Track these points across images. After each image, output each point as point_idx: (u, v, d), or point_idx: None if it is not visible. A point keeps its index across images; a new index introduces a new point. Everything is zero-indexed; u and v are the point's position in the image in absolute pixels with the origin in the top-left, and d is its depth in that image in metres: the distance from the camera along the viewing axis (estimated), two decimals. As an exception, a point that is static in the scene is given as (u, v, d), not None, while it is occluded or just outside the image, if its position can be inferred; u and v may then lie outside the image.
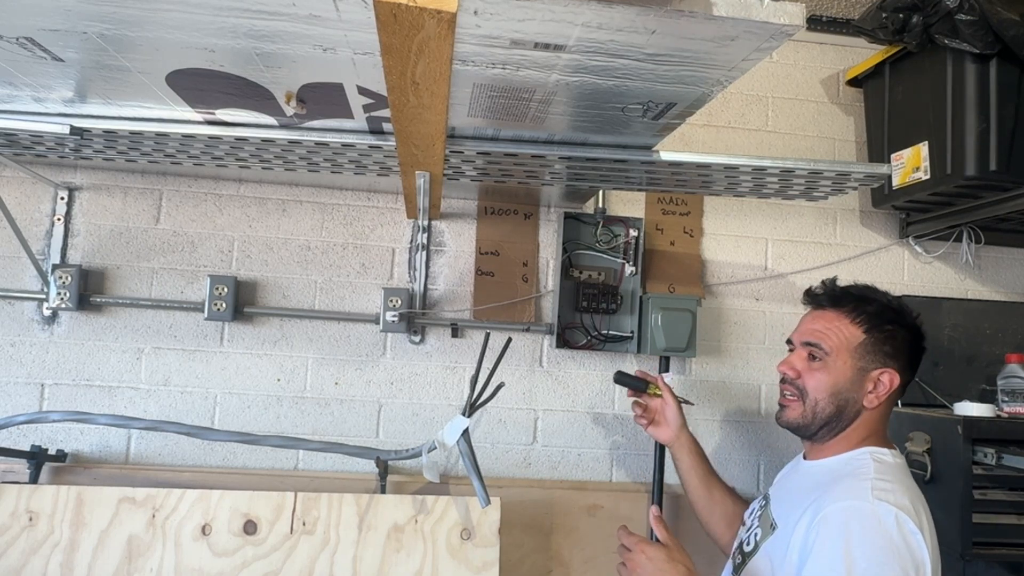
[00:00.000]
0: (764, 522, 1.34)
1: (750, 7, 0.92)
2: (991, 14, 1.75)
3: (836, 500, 1.16)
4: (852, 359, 1.30)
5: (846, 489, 1.19)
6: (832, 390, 1.30)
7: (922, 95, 1.99)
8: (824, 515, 1.15)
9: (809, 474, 1.34)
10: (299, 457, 1.98)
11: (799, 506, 1.22)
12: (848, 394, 1.30)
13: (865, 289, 1.38)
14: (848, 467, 1.27)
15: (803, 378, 1.34)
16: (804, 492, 1.26)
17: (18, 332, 1.92)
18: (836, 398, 1.30)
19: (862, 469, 1.24)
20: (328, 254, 2.05)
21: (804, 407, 1.33)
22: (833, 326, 1.33)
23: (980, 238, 2.25)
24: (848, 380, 1.30)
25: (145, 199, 1.99)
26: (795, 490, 1.33)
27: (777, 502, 1.35)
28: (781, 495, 1.37)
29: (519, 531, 1.97)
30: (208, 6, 0.96)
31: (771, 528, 1.29)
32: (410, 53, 0.97)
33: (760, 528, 1.34)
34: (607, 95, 1.22)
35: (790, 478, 1.43)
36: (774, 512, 1.32)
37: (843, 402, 1.30)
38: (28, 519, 1.67)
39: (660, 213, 2.17)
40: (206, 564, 1.68)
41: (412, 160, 1.48)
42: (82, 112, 1.46)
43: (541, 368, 2.09)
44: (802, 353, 1.36)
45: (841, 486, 1.20)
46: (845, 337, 1.31)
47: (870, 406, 1.29)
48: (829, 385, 1.30)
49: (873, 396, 1.29)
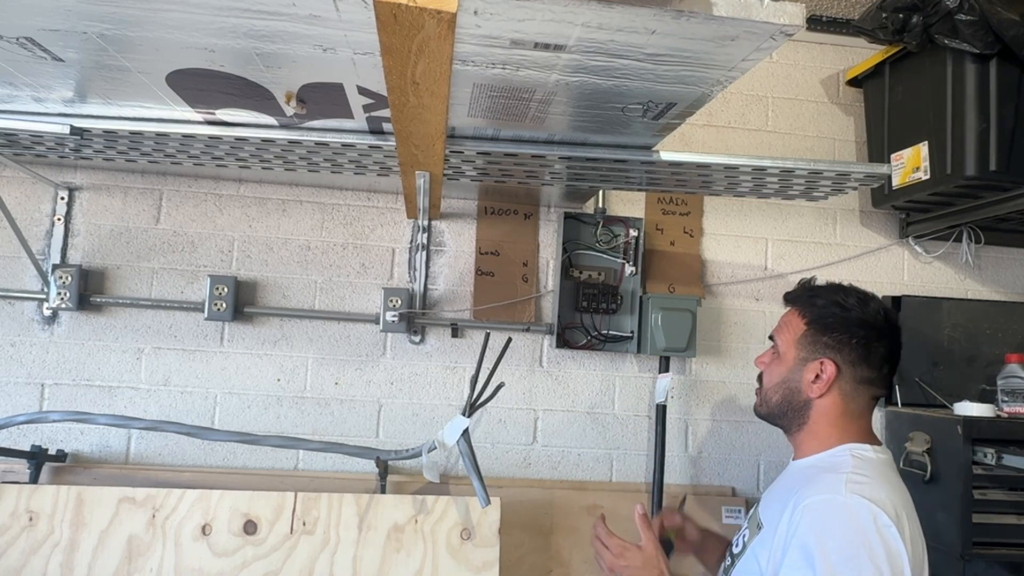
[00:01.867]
0: (752, 523, 1.36)
1: (750, 7, 0.92)
2: (991, 14, 1.75)
3: (812, 494, 1.18)
4: (794, 350, 1.35)
5: (822, 483, 1.21)
6: (778, 380, 1.36)
7: (922, 95, 1.99)
8: (801, 508, 1.17)
9: (793, 473, 1.37)
10: (299, 457, 1.98)
11: (782, 504, 1.25)
12: (791, 384, 1.34)
13: (825, 287, 1.41)
14: (827, 463, 1.29)
15: (765, 371, 1.41)
16: (787, 490, 1.28)
17: (18, 332, 1.92)
18: (780, 387, 1.36)
19: (840, 464, 1.26)
20: (328, 254, 2.05)
21: (761, 397, 1.41)
22: (784, 321, 1.40)
23: (980, 238, 2.25)
24: (790, 371, 1.35)
25: (145, 199, 1.99)
26: (781, 490, 1.35)
27: (765, 503, 1.37)
28: (769, 496, 1.39)
29: (519, 531, 1.97)
30: (208, 6, 0.96)
31: (758, 528, 1.31)
32: (410, 53, 0.97)
33: (748, 529, 1.36)
34: (607, 95, 1.22)
35: (781, 479, 1.46)
36: (761, 513, 1.34)
37: (787, 392, 1.34)
38: (28, 519, 1.67)
39: (660, 213, 2.17)
40: (206, 564, 1.68)
41: (412, 160, 1.48)
42: (82, 112, 1.46)
43: (541, 368, 2.09)
44: (768, 349, 1.44)
45: (818, 480, 1.23)
46: (792, 330, 1.37)
47: (815, 396, 1.32)
48: (777, 376, 1.37)
49: (815, 386, 1.31)
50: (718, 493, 2.09)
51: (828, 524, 1.14)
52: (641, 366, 2.13)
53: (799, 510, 1.18)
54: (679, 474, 2.11)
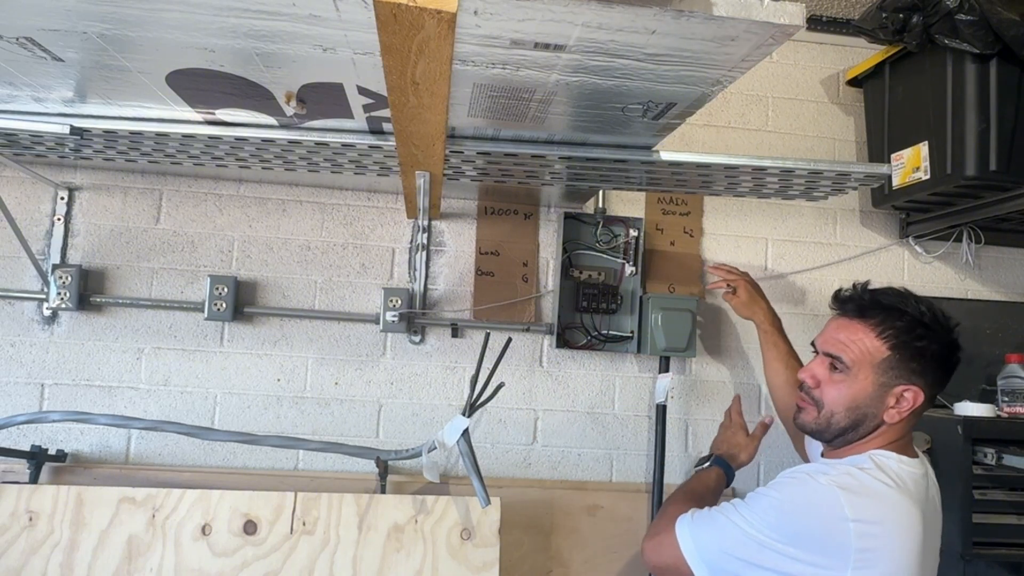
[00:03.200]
0: None
1: (750, 7, 0.92)
2: (991, 14, 1.75)
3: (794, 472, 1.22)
4: (874, 374, 1.25)
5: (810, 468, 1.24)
6: (849, 404, 1.26)
7: (922, 95, 1.99)
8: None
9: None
10: (299, 457, 1.98)
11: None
12: (866, 409, 1.25)
13: (897, 299, 1.30)
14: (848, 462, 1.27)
15: (822, 388, 1.30)
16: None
17: (18, 332, 1.92)
18: (853, 412, 1.26)
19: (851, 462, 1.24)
20: (328, 254, 2.05)
21: (819, 416, 1.29)
22: (857, 338, 1.27)
23: (980, 238, 2.25)
24: (868, 396, 1.25)
25: (145, 199, 1.99)
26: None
27: None
28: None
29: (519, 531, 1.97)
30: (208, 6, 0.96)
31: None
32: (410, 53, 0.97)
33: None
34: (607, 95, 1.22)
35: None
36: None
37: (860, 416, 1.26)
38: (28, 519, 1.67)
39: (660, 213, 2.17)
40: (206, 564, 1.68)
41: (412, 160, 1.48)
42: (82, 112, 1.46)
43: (541, 368, 2.09)
44: (824, 361, 1.31)
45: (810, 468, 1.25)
46: (868, 351, 1.25)
47: (891, 421, 1.25)
48: (847, 399, 1.26)
49: (895, 412, 1.24)
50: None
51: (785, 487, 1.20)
52: (641, 366, 2.13)
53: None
54: (679, 474, 2.11)
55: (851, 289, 1.35)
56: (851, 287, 1.36)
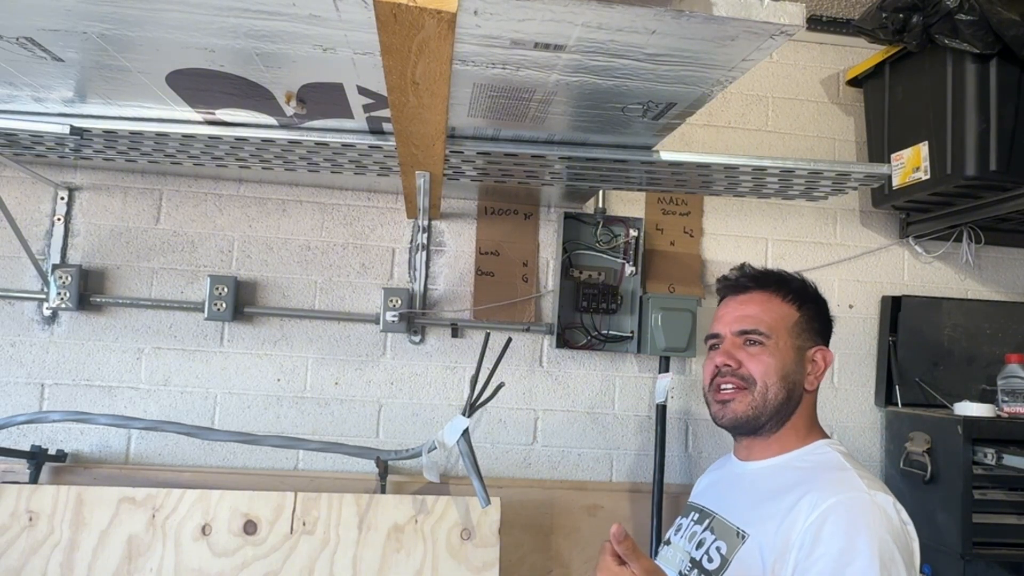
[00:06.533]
0: (723, 533, 1.22)
1: (750, 7, 0.92)
2: (991, 14, 1.75)
3: (832, 494, 1.09)
4: (790, 338, 1.25)
5: (835, 482, 1.13)
6: (781, 373, 1.23)
7: (922, 95, 1.99)
8: (825, 510, 1.07)
9: (763, 476, 1.26)
10: (299, 457, 1.98)
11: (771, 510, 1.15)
12: (794, 376, 1.24)
13: (775, 270, 1.33)
14: (813, 460, 1.22)
15: (746, 366, 1.24)
16: (769, 495, 1.18)
17: (18, 332, 1.92)
18: (785, 381, 1.23)
19: (832, 461, 1.19)
20: (328, 254, 2.05)
21: (753, 395, 1.23)
22: (767, 307, 1.26)
23: (980, 238, 2.25)
24: (792, 361, 1.24)
25: (145, 199, 1.99)
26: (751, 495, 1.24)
27: (729, 511, 1.25)
28: (730, 503, 1.27)
29: (519, 531, 1.97)
30: (208, 6, 0.96)
31: (739, 537, 1.18)
32: (410, 53, 0.97)
33: (722, 540, 1.21)
34: (607, 95, 1.22)
35: (731, 485, 1.33)
36: (733, 521, 1.22)
37: (791, 385, 1.24)
38: (28, 519, 1.67)
39: (660, 213, 2.17)
40: (206, 564, 1.68)
41: (412, 160, 1.48)
42: (82, 112, 1.46)
43: (541, 368, 2.09)
44: (736, 341, 1.27)
45: (826, 479, 1.14)
46: (782, 316, 1.25)
47: (811, 388, 1.25)
48: (777, 368, 1.23)
49: (812, 377, 1.24)
50: (718, 493, 2.09)
51: (860, 523, 1.05)
52: (641, 366, 2.13)
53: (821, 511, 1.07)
54: (679, 474, 2.11)
55: (734, 270, 1.36)
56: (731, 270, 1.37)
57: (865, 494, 1.09)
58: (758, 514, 1.18)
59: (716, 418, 1.31)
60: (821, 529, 1.06)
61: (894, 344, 2.15)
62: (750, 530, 1.17)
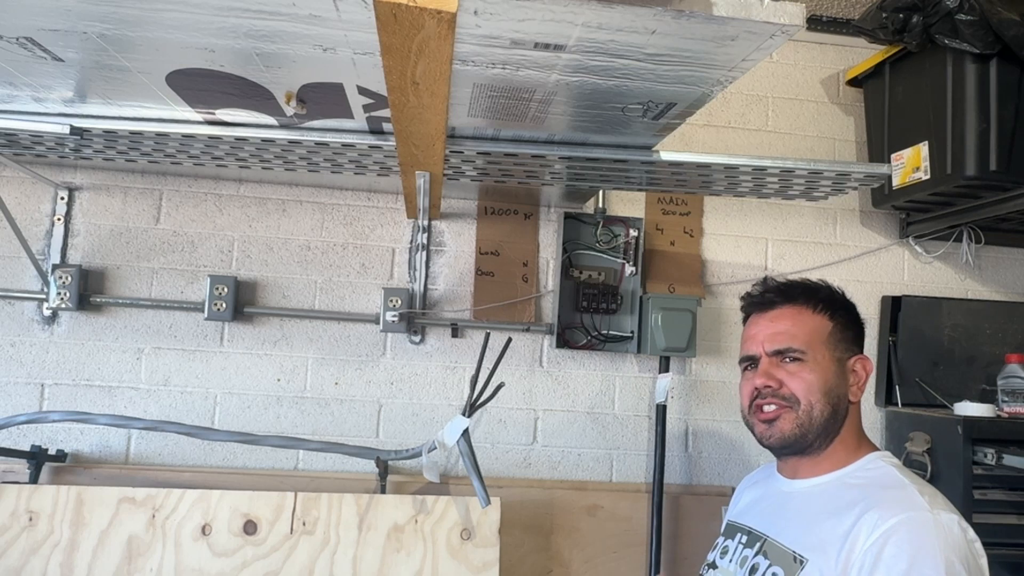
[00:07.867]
0: (778, 558, 1.17)
1: (750, 7, 0.92)
2: (991, 14, 1.75)
3: (893, 513, 1.05)
4: (828, 351, 1.21)
5: (895, 500, 1.08)
6: (824, 388, 1.19)
7: (922, 95, 1.99)
8: (886, 531, 1.04)
9: (815, 495, 1.21)
10: (299, 457, 1.98)
11: (829, 532, 1.11)
12: (837, 390, 1.20)
13: (799, 281, 1.29)
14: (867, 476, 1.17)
15: (787, 385, 1.20)
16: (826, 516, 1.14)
17: (18, 332, 1.92)
18: (829, 396, 1.19)
19: (889, 477, 1.15)
20: (328, 254, 2.05)
21: (798, 415, 1.19)
22: (799, 321, 1.22)
23: (980, 238, 2.25)
24: (834, 374, 1.20)
25: (145, 199, 1.99)
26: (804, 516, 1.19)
27: (781, 534, 1.20)
28: (781, 525, 1.22)
29: (519, 531, 1.97)
30: (208, 6, 0.96)
31: (796, 562, 1.13)
32: (410, 53, 0.97)
33: (778, 566, 1.16)
34: (607, 95, 1.22)
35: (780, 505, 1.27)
36: (788, 544, 1.17)
37: (835, 399, 1.20)
38: (28, 519, 1.67)
39: (660, 213, 2.17)
40: (206, 564, 1.68)
41: (412, 160, 1.48)
42: (82, 112, 1.46)
43: (541, 368, 2.09)
44: (773, 361, 1.23)
45: (885, 497, 1.09)
46: (815, 329, 1.21)
47: (855, 399, 1.21)
48: (820, 384, 1.19)
49: (856, 388, 1.21)
50: (718, 493, 2.09)
51: (925, 545, 1.01)
52: (641, 366, 2.13)
53: (883, 532, 1.04)
54: (679, 474, 2.11)
55: (758, 285, 1.31)
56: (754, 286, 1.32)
57: (928, 513, 1.05)
58: (816, 538, 1.13)
59: (762, 439, 1.26)
60: (882, 551, 1.02)
61: (894, 344, 2.15)
62: (808, 555, 1.12)
